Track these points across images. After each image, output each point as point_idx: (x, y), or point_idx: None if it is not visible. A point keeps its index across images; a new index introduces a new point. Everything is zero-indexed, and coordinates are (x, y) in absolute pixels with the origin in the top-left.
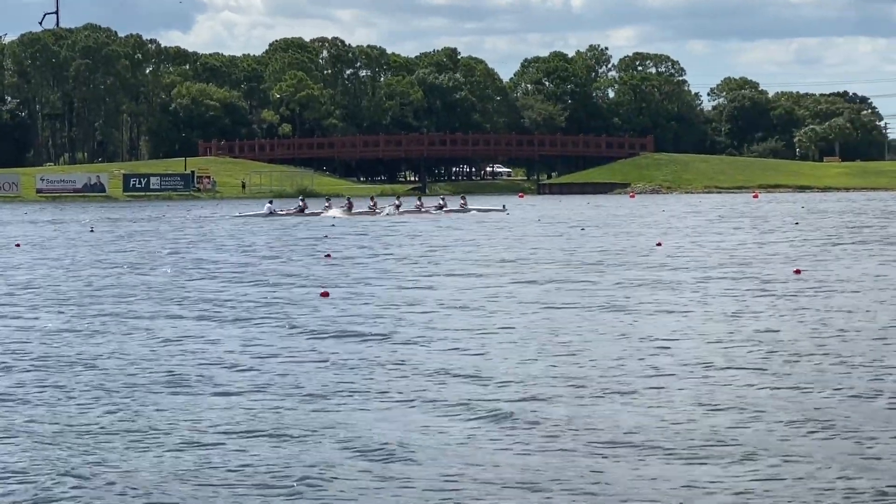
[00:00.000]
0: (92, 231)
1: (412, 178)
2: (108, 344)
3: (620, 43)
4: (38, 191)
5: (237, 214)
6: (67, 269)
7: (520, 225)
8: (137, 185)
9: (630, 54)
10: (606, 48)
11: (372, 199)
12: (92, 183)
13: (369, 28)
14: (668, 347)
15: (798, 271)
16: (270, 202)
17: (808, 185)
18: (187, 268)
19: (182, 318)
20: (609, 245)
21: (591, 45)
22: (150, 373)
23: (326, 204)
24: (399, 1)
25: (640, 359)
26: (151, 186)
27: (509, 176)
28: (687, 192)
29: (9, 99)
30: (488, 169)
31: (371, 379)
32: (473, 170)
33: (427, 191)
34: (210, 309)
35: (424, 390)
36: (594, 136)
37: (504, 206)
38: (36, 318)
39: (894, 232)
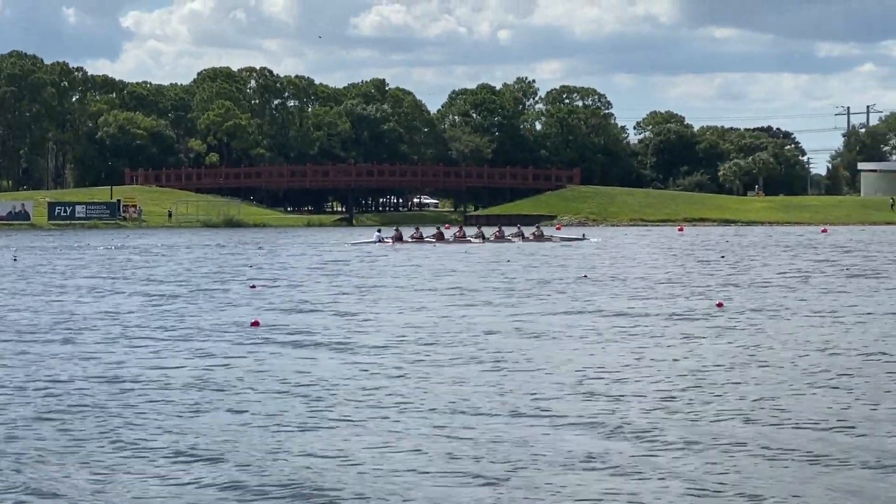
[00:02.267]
0: (15, 260)
1: (339, 209)
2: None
3: (547, 76)
4: None
5: (352, 243)
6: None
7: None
8: (63, 214)
9: (557, 87)
10: (534, 81)
11: (460, 228)
12: (16, 211)
13: (297, 58)
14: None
15: (720, 304)
16: (379, 230)
17: (733, 219)
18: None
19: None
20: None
21: (518, 78)
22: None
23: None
24: (327, 32)
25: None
26: (77, 215)
27: (436, 207)
28: (613, 225)
29: None
30: (415, 200)
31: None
32: (400, 201)
33: (354, 221)
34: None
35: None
36: (521, 168)
37: (584, 235)
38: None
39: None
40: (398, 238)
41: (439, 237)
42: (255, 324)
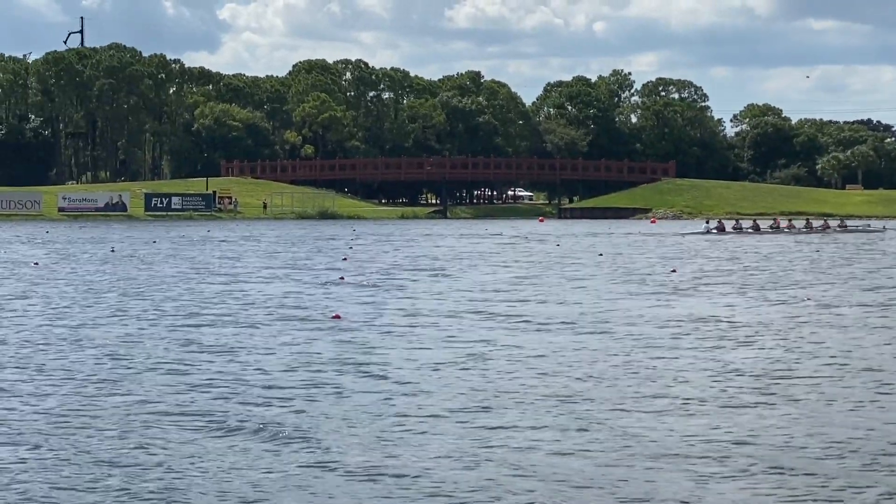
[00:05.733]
0: (113, 251)
1: (433, 201)
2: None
3: (643, 68)
4: (60, 209)
5: (684, 233)
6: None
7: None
8: (159, 205)
9: (653, 80)
10: (629, 73)
11: (775, 220)
12: (114, 202)
13: (392, 50)
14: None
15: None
16: (707, 222)
17: (831, 213)
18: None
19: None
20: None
21: (614, 70)
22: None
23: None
24: (422, 24)
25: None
26: (173, 206)
27: (531, 200)
28: (709, 219)
29: (32, 117)
30: (510, 192)
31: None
32: (495, 193)
33: (448, 214)
34: None
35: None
36: (616, 160)
37: (885, 227)
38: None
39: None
40: (721, 229)
41: (756, 228)
42: (337, 317)
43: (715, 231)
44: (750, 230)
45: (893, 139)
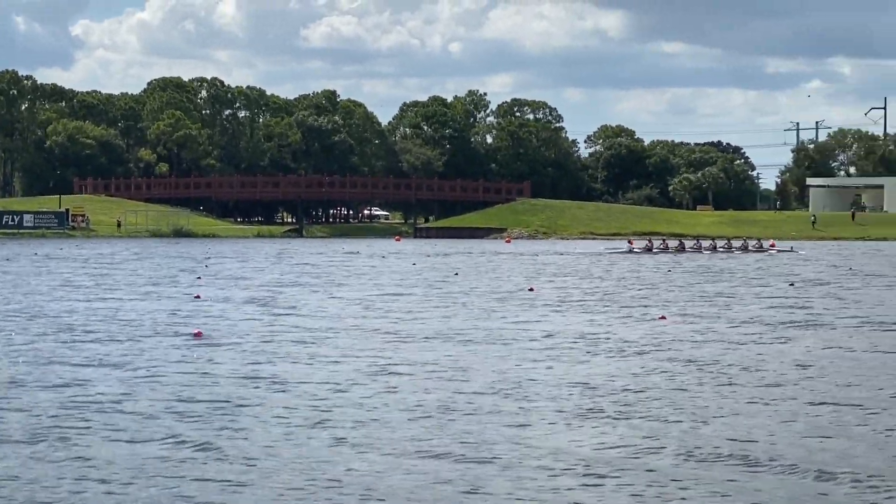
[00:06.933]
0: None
1: (289, 220)
2: None
3: (498, 89)
4: None
5: (603, 251)
6: None
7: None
8: (10, 223)
9: (508, 100)
10: (485, 94)
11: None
12: None
13: (248, 69)
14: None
15: (663, 317)
16: (630, 241)
17: (683, 233)
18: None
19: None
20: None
21: (469, 91)
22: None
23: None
24: (277, 42)
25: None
26: (25, 224)
27: (387, 219)
28: (563, 239)
29: None
30: (366, 212)
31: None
32: (351, 212)
33: (304, 233)
34: None
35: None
36: (472, 180)
37: (792, 248)
38: None
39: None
40: (648, 248)
41: (680, 248)
42: (198, 334)
43: (639, 251)
44: (671, 250)
45: (742, 161)
